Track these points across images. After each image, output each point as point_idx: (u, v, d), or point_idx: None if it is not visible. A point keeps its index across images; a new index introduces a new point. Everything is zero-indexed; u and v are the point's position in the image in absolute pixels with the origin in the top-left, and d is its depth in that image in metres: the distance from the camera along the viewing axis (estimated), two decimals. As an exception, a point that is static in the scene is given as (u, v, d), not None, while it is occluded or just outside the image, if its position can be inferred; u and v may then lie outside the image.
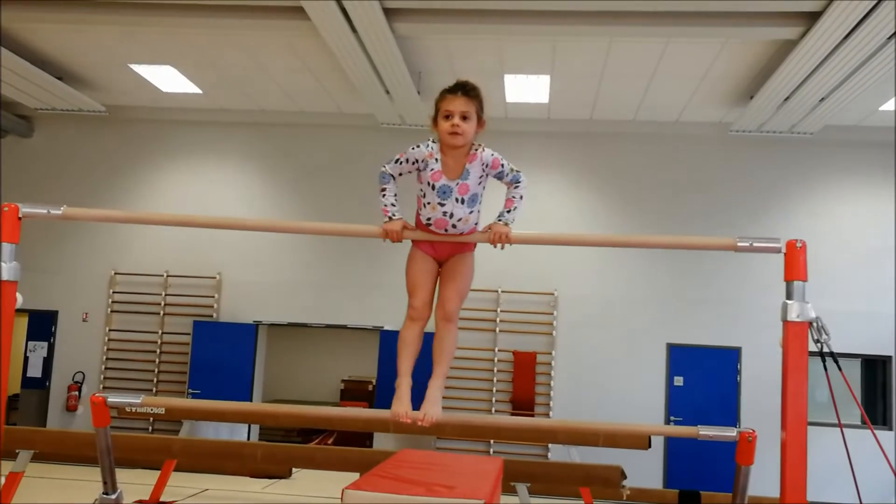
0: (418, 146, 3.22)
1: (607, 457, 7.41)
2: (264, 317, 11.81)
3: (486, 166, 3.18)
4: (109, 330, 11.95)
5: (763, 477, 6.15)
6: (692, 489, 9.17)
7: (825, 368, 2.93)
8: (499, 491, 3.95)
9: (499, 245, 3.21)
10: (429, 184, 3.17)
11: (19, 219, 3.19)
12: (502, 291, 11.40)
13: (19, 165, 12.03)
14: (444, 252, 3.33)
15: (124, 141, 12.34)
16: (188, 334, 11.66)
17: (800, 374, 2.88)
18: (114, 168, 12.22)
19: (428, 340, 3.33)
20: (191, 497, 7.89)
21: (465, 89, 3.11)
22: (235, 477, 8.97)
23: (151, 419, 11.23)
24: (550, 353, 11.39)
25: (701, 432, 3.28)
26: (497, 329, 11.44)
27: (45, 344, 11.99)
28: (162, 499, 7.51)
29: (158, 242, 12.00)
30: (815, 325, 2.91)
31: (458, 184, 3.15)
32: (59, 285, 11.95)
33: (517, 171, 3.25)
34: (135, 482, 7.31)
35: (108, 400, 3.55)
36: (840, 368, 2.92)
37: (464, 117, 3.08)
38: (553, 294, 11.46)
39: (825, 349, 2.90)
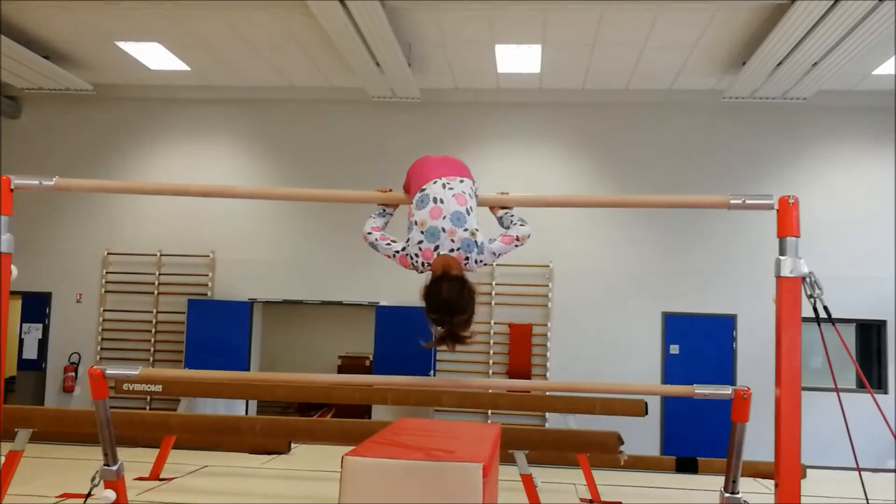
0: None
1: (604, 425, 7.44)
2: (259, 295, 11.82)
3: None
4: (104, 310, 11.95)
5: (758, 444, 6.21)
6: (689, 455, 9.29)
7: (818, 324, 2.95)
8: (497, 455, 3.97)
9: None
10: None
11: (11, 190, 3.20)
12: (497, 264, 11.40)
13: (8, 146, 11.94)
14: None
15: (113, 120, 12.27)
16: (183, 313, 11.66)
17: (793, 329, 2.90)
18: (103, 148, 12.16)
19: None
20: (190, 473, 7.92)
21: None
22: (234, 453, 9.03)
23: (148, 398, 11.27)
24: (546, 325, 11.43)
25: (697, 391, 3.30)
26: (493, 302, 11.47)
27: (40, 326, 11.99)
28: (161, 476, 7.55)
29: (151, 222, 11.98)
30: (807, 280, 2.94)
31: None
32: (53, 266, 11.93)
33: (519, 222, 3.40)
34: (134, 460, 7.35)
35: (107, 372, 3.59)
36: (833, 323, 2.94)
37: None
38: (548, 266, 11.49)
39: (818, 304, 2.93)
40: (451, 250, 3.05)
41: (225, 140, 12.19)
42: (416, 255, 3.09)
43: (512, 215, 3.41)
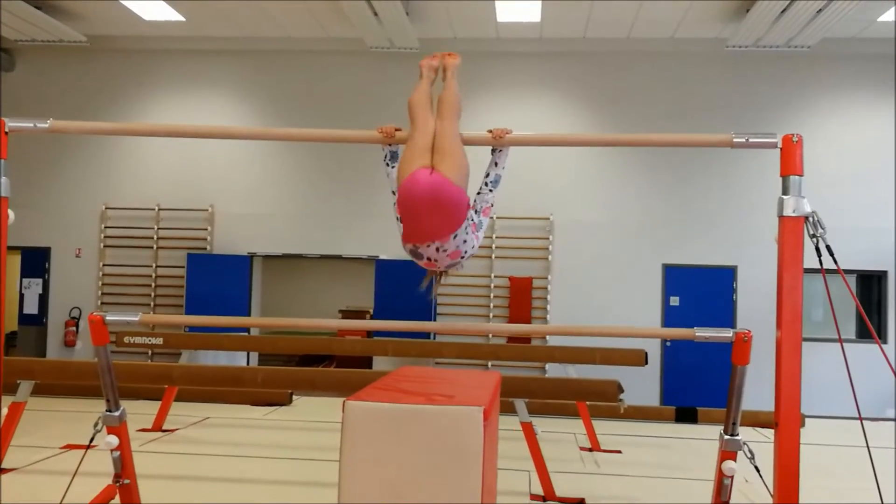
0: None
1: (604, 376, 7.48)
2: (258, 248, 11.80)
3: (469, 217, 3.28)
4: (103, 265, 11.94)
5: (757, 396, 6.25)
6: (689, 406, 9.37)
7: (820, 263, 2.93)
8: (497, 401, 3.98)
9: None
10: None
11: (6, 133, 3.16)
12: (497, 217, 11.36)
13: (2, 99, 11.82)
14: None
15: (108, 72, 12.13)
16: (182, 267, 11.66)
17: (795, 268, 2.89)
18: (99, 101, 12.02)
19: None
20: (192, 425, 7.99)
21: None
22: (236, 405, 9.11)
23: (149, 352, 11.33)
24: (546, 278, 11.43)
25: (697, 334, 3.31)
26: (493, 255, 11.45)
27: (40, 281, 12.01)
28: (164, 427, 7.62)
29: (149, 176, 11.93)
30: (810, 219, 2.91)
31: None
32: (51, 221, 11.89)
33: (490, 186, 3.39)
34: (137, 412, 7.41)
35: (107, 318, 3.61)
36: (836, 262, 2.92)
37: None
38: (548, 219, 11.45)
39: (821, 244, 2.91)
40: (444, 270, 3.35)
41: (222, 92, 12.06)
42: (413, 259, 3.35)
43: (505, 161, 3.38)
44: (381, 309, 11.27)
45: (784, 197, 2.92)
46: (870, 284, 11.23)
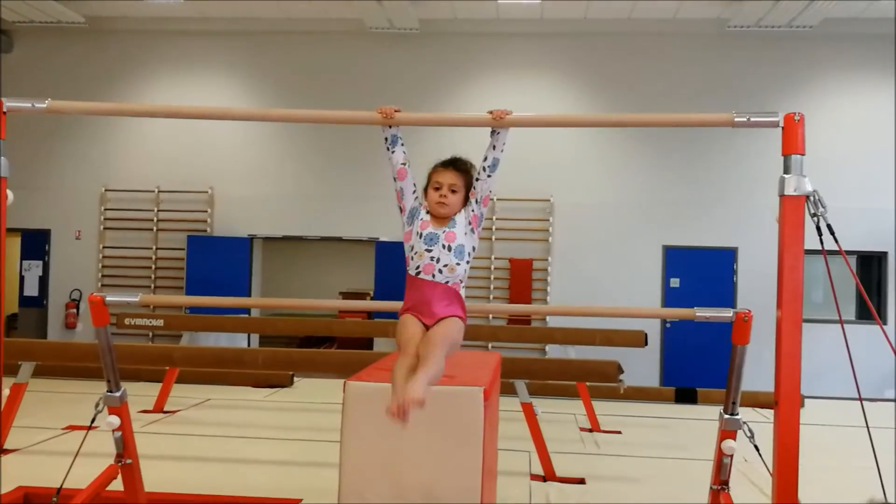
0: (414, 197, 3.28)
1: (605, 357, 7.50)
2: (259, 230, 11.80)
3: (470, 206, 3.23)
4: (103, 247, 11.95)
5: (757, 379, 6.25)
6: (689, 386, 9.40)
7: (821, 242, 2.91)
8: (497, 381, 3.99)
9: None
10: (418, 233, 3.18)
11: (4, 114, 3.13)
12: (497, 199, 11.35)
13: (1, 81, 11.78)
14: (431, 318, 3.21)
15: (107, 54, 12.08)
16: (182, 249, 11.66)
17: (796, 248, 2.87)
18: (97, 82, 11.97)
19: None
20: (193, 406, 8.02)
21: (456, 165, 3.24)
22: (237, 387, 9.13)
23: (150, 334, 11.34)
24: (546, 260, 11.43)
25: (698, 314, 3.30)
26: (493, 237, 11.45)
27: (40, 263, 12.02)
28: (165, 409, 7.65)
29: (149, 157, 11.91)
30: (811, 198, 2.90)
31: (444, 231, 3.20)
32: (51, 204, 11.89)
33: (488, 171, 3.27)
34: (138, 394, 7.43)
35: (107, 299, 3.60)
36: (837, 241, 2.91)
37: (452, 190, 3.18)
38: (549, 200, 11.43)
39: (822, 223, 2.89)
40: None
41: (222, 73, 12.01)
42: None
43: (504, 144, 3.31)
44: (382, 290, 11.28)
45: (785, 176, 2.89)
46: (870, 265, 11.23)
